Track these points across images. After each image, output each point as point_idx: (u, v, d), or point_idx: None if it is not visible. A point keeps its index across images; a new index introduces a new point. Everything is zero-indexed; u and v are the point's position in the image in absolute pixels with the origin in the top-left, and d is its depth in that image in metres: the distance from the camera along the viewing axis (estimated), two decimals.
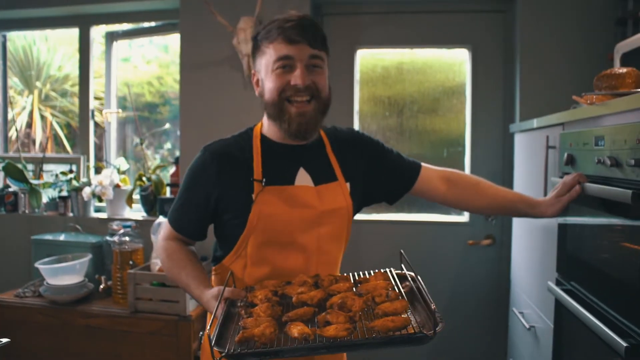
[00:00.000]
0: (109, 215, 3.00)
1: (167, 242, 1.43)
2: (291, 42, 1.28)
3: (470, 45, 2.75)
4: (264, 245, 1.35)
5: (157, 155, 3.41)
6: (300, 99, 1.31)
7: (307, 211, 1.35)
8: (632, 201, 1.24)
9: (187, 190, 1.41)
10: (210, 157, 1.37)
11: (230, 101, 2.78)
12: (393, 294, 1.23)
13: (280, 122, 1.33)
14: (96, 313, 2.53)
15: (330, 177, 1.41)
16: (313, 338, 1.07)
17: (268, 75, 1.32)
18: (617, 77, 1.56)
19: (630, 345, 1.25)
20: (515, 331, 2.43)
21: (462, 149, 2.80)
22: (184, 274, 1.36)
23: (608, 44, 2.39)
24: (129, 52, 3.40)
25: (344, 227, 1.44)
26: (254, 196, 1.32)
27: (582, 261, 1.64)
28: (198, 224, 1.42)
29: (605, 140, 1.47)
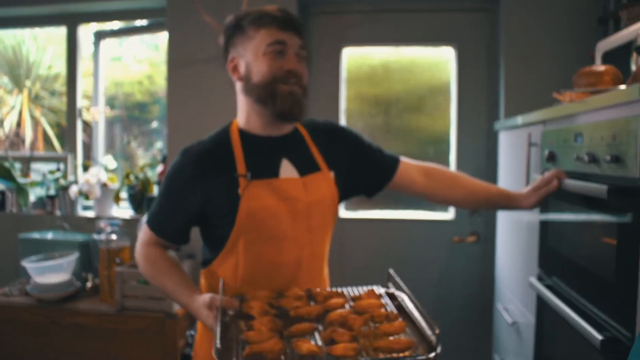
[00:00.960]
0: (97, 213, 3.00)
1: (148, 249, 1.40)
2: (284, 29, 1.31)
3: (456, 44, 2.77)
4: (255, 241, 1.33)
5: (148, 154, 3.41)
6: (293, 82, 1.32)
7: (295, 203, 1.34)
8: (607, 196, 1.26)
9: (168, 195, 1.38)
10: (190, 159, 1.36)
11: (218, 100, 2.79)
12: (392, 315, 1.24)
13: (271, 102, 1.32)
14: (83, 311, 2.53)
15: (314, 167, 1.41)
16: (321, 356, 1.07)
17: (258, 58, 1.32)
18: (595, 74, 1.58)
19: (605, 338, 1.27)
20: (500, 327, 2.45)
21: (447, 147, 2.82)
22: (170, 282, 1.34)
23: (591, 42, 2.41)
24: (120, 51, 3.40)
25: (330, 218, 1.44)
26: (240, 191, 1.30)
27: (563, 256, 1.66)
28: (181, 227, 1.39)
29: (583, 137, 1.49)
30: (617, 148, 1.29)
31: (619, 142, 1.28)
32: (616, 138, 1.30)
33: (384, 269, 2.81)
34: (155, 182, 2.99)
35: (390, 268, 1.42)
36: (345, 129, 1.56)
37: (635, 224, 1.21)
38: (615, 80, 1.57)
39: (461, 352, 2.82)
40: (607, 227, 1.39)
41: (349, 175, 1.50)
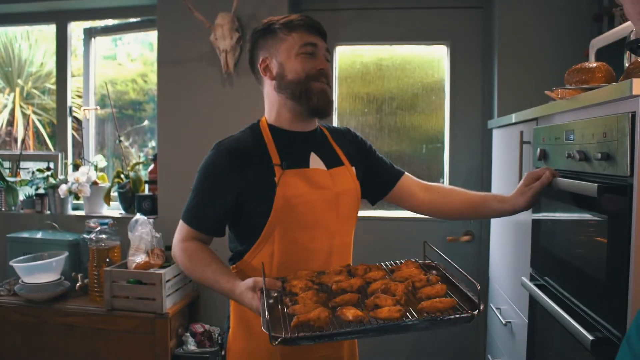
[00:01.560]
0: (87, 212, 2.97)
1: (185, 244, 1.42)
2: (313, 32, 1.42)
3: (449, 42, 2.75)
4: (290, 228, 1.38)
5: (142, 153, 3.37)
6: (324, 80, 1.43)
7: (325, 192, 1.42)
8: (597, 194, 1.24)
9: (203, 188, 1.42)
10: (225, 152, 1.41)
11: (209, 98, 2.76)
12: (434, 279, 1.27)
13: (306, 98, 1.41)
14: (72, 311, 2.51)
15: (339, 162, 1.50)
16: (367, 320, 1.10)
17: (291, 58, 1.41)
18: (587, 71, 1.56)
19: (596, 338, 1.25)
20: (493, 327, 2.43)
21: (441, 145, 2.80)
22: (210, 271, 1.35)
23: (585, 40, 2.39)
24: (114, 49, 3.37)
25: (355, 208, 1.52)
26: (276, 179, 1.36)
27: (555, 256, 1.64)
28: (218, 219, 1.42)
29: (575, 135, 1.47)
30: (608, 146, 1.27)
31: (609, 140, 1.26)
32: (607, 135, 1.28)
33: None
34: (146, 180, 2.96)
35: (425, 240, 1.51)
36: (359, 136, 1.66)
37: (625, 222, 1.19)
38: (607, 77, 1.54)
39: (455, 352, 2.80)
40: (598, 226, 1.37)
41: (362, 177, 1.58)
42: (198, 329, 2.62)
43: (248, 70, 2.68)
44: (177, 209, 2.74)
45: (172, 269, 2.53)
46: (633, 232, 1.16)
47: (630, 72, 1.49)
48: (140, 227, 2.57)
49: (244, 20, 2.69)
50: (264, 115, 1.52)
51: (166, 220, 2.81)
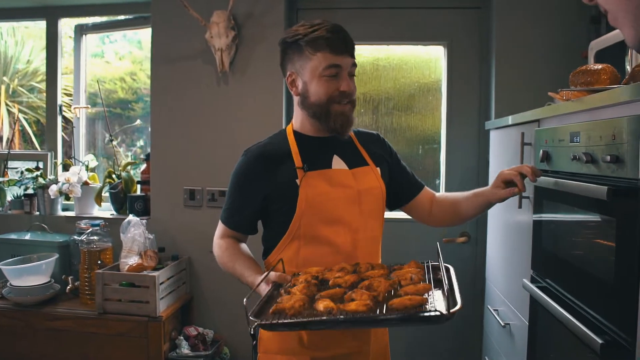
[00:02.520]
0: (77, 213, 2.91)
1: (221, 240, 1.58)
2: (339, 52, 1.44)
3: (446, 42, 2.73)
4: (314, 224, 1.46)
5: (130, 152, 3.32)
6: (345, 102, 1.48)
7: (347, 190, 1.49)
8: (607, 197, 1.23)
9: (237, 191, 1.55)
10: (254, 158, 1.52)
11: (203, 97, 2.73)
12: (417, 278, 1.31)
13: (325, 120, 1.49)
14: (62, 315, 2.45)
15: (362, 162, 1.57)
16: (336, 312, 1.16)
17: (314, 80, 1.46)
18: (592, 73, 1.55)
19: (605, 342, 1.24)
20: (491, 328, 2.42)
21: (437, 146, 2.79)
22: (238, 264, 1.49)
23: (583, 41, 2.40)
24: (101, 47, 3.31)
25: (380, 205, 1.58)
26: (298, 181, 1.45)
27: (558, 258, 1.63)
28: (250, 218, 1.56)
29: (580, 137, 1.46)
30: (617, 148, 1.25)
31: (619, 142, 1.25)
32: (616, 138, 1.27)
33: None
34: (138, 181, 2.91)
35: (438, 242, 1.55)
36: (387, 142, 1.72)
37: (635, 225, 1.18)
38: (613, 79, 1.53)
39: (451, 353, 2.79)
40: (605, 228, 1.36)
41: (387, 179, 1.64)
42: (192, 332, 2.58)
43: (244, 69, 2.70)
44: (170, 210, 2.75)
45: (165, 271, 2.49)
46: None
47: (636, 74, 1.48)
48: (133, 228, 2.52)
49: (240, 19, 2.66)
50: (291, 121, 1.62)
51: (159, 221, 2.76)
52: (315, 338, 1.45)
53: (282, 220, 1.49)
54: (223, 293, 2.72)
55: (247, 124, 2.68)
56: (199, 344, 2.55)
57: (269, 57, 2.65)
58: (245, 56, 2.68)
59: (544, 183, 1.68)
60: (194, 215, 2.76)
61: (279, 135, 1.60)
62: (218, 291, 2.73)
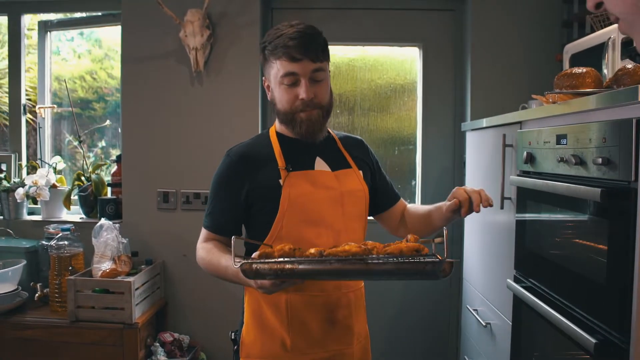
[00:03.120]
0: (45, 217, 2.80)
1: (205, 243, 1.52)
2: (295, 60, 1.41)
3: (421, 43, 2.75)
4: (297, 225, 1.44)
5: (91, 153, 3.21)
6: (308, 108, 1.45)
7: (330, 191, 1.48)
8: (601, 199, 1.25)
9: (219, 193, 1.52)
10: (236, 158, 1.50)
11: (177, 97, 2.66)
12: (412, 238, 1.25)
13: (292, 126, 1.48)
14: (31, 324, 2.35)
15: (345, 165, 1.56)
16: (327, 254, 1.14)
17: (277, 87, 1.46)
18: (577, 76, 1.58)
19: (599, 341, 1.26)
20: (469, 328, 2.45)
21: (413, 147, 2.80)
22: (223, 259, 1.42)
23: (555, 44, 2.45)
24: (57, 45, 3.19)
25: (363, 208, 1.56)
26: (281, 182, 1.44)
27: (543, 258, 1.66)
28: (234, 221, 1.51)
29: (568, 139, 1.48)
30: (609, 151, 1.28)
31: (610, 145, 1.27)
32: (607, 140, 1.29)
33: None
34: (109, 183, 2.81)
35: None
36: (371, 150, 1.71)
37: (629, 226, 1.20)
38: (596, 82, 1.57)
39: (428, 353, 2.81)
40: (598, 230, 1.38)
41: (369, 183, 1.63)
42: (167, 338, 2.52)
43: (218, 68, 2.64)
44: (143, 213, 2.68)
45: (140, 276, 2.42)
46: (637, 236, 1.17)
47: (619, 78, 1.51)
48: (106, 232, 2.44)
49: (215, 18, 2.61)
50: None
51: (132, 225, 2.68)
52: (299, 341, 1.44)
53: (265, 220, 1.46)
54: (198, 298, 2.66)
55: (222, 125, 2.63)
56: (175, 350, 2.49)
57: (244, 57, 2.61)
58: (220, 56, 2.63)
59: (528, 184, 1.71)
60: (168, 219, 2.69)
61: (262, 136, 1.58)
62: (193, 296, 2.68)
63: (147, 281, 2.49)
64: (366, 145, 1.70)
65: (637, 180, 1.18)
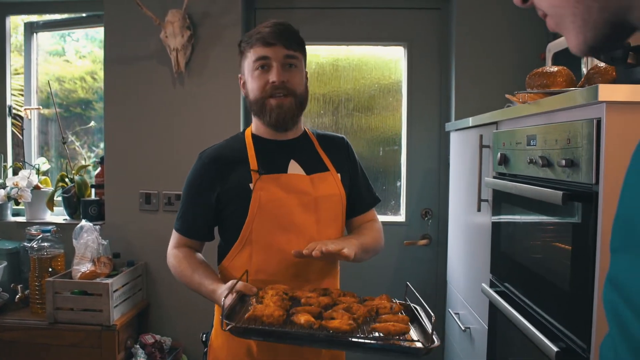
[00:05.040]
0: (28, 219, 2.79)
1: (176, 250, 1.51)
2: (267, 44, 1.42)
3: (406, 43, 2.71)
4: (267, 230, 1.42)
5: (92, 154, 3.20)
6: (279, 94, 1.43)
7: (303, 197, 1.45)
8: (562, 202, 1.22)
9: (190, 196, 1.51)
10: (207, 160, 1.49)
11: (159, 98, 2.64)
12: (397, 307, 1.29)
13: (262, 116, 1.46)
14: (11, 326, 2.34)
15: (322, 168, 1.53)
16: (318, 327, 1.12)
17: (250, 76, 1.46)
18: (548, 75, 1.54)
19: (560, 349, 1.23)
20: (452, 332, 2.41)
21: (398, 148, 2.77)
22: (197, 274, 1.42)
23: (542, 42, 2.40)
24: (62, 45, 3.19)
25: (338, 213, 1.53)
26: (251, 185, 1.42)
27: (516, 263, 1.62)
28: (205, 224, 1.51)
29: (537, 140, 1.45)
30: (572, 152, 1.24)
31: (574, 146, 1.24)
32: (571, 142, 1.25)
33: None
34: (92, 184, 2.80)
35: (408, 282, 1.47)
36: (351, 148, 1.66)
37: (590, 230, 1.16)
38: (568, 81, 1.53)
39: None
40: (562, 233, 1.35)
41: (348, 185, 1.59)
42: (148, 340, 2.50)
43: (200, 69, 2.62)
44: (125, 214, 2.66)
45: (120, 278, 2.40)
46: (599, 240, 1.13)
47: (591, 77, 1.48)
48: (86, 234, 2.43)
49: (196, 18, 2.58)
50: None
51: (113, 227, 2.67)
52: (265, 351, 1.41)
53: (236, 223, 1.44)
54: (181, 299, 2.64)
55: (204, 126, 2.61)
56: (155, 352, 2.47)
57: (226, 57, 2.58)
58: (202, 56, 2.61)
59: (499, 186, 1.67)
60: (150, 220, 2.67)
61: (236, 138, 1.56)
62: (176, 297, 2.65)
63: (128, 283, 2.47)
64: (347, 144, 1.65)
65: (598, 183, 1.15)
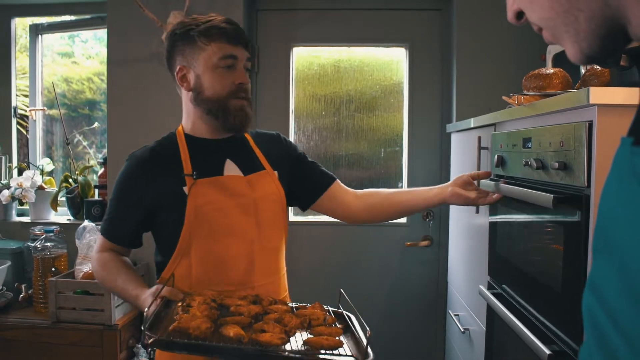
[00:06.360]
0: (32, 219, 2.82)
1: (101, 254, 1.43)
2: (235, 43, 1.37)
3: (407, 44, 2.71)
4: (205, 238, 1.36)
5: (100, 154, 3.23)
6: (242, 96, 1.39)
7: (241, 199, 1.39)
8: (553, 206, 1.21)
9: (118, 199, 1.42)
10: (136, 162, 1.41)
11: (161, 99, 2.65)
12: (330, 319, 1.25)
13: (224, 116, 1.38)
14: (14, 325, 2.36)
15: (258, 167, 1.47)
16: (247, 341, 1.08)
17: (208, 72, 1.37)
18: (544, 77, 1.54)
19: (553, 352, 1.23)
20: (452, 334, 2.41)
21: (399, 149, 2.77)
22: (120, 280, 1.35)
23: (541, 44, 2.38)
24: (72, 47, 3.22)
25: (279, 213, 1.48)
26: (186, 190, 1.35)
27: (513, 265, 1.62)
28: (132, 230, 1.43)
29: (532, 142, 1.45)
30: (565, 155, 1.24)
31: (566, 149, 1.24)
32: (564, 144, 1.25)
33: (335, 272, 2.73)
34: (95, 185, 2.82)
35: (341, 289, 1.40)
36: (287, 139, 1.62)
37: (581, 234, 1.16)
38: (564, 83, 1.53)
39: (413, 358, 2.77)
40: (554, 235, 1.35)
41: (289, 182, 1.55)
42: None
43: None
44: None
45: None
46: (590, 244, 1.13)
47: (587, 79, 1.48)
48: (89, 234, 2.44)
49: None
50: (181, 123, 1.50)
51: None
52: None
53: (171, 233, 1.36)
54: None
55: None
56: None
57: None
58: None
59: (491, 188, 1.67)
60: None
61: (167, 139, 1.47)
62: None
63: None
64: (283, 138, 1.61)
65: (589, 186, 1.15)
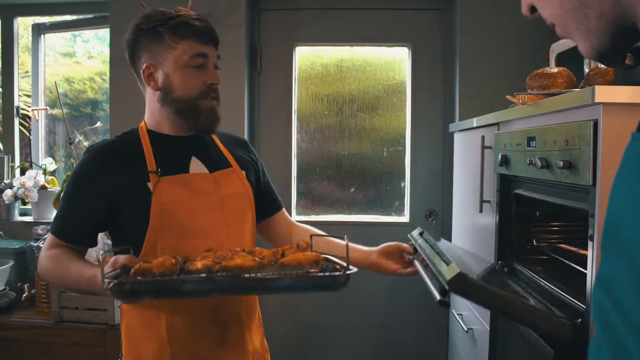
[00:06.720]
0: (35, 218, 2.82)
1: (49, 251, 1.30)
2: (205, 41, 1.31)
3: (410, 43, 2.71)
4: (173, 238, 1.28)
5: None
6: (213, 96, 1.35)
7: (208, 197, 1.34)
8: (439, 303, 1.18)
9: (74, 194, 1.31)
10: (94, 155, 1.32)
11: None
12: (303, 244, 1.17)
13: (194, 116, 1.33)
14: (17, 324, 2.37)
15: (225, 164, 1.41)
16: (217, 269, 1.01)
17: (178, 71, 1.30)
18: (548, 76, 1.54)
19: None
20: (456, 333, 2.41)
21: (402, 148, 2.76)
22: (73, 267, 1.22)
23: (546, 43, 2.39)
24: (73, 47, 3.22)
25: (247, 211, 1.42)
26: (151, 187, 1.27)
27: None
28: (85, 227, 1.31)
29: (536, 141, 1.44)
30: (570, 154, 1.24)
31: (571, 148, 1.23)
32: (569, 143, 1.25)
33: None
34: None
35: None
36: (253, 149, 1.58)
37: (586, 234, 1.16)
38: (568, 82, 1.52)
39: (417, 356, 2.77)
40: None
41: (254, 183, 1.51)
42: None
43: None
44: None
45: None
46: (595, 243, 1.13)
47: (591, 78, 1.47)
48: None
49: None
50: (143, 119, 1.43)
51: None
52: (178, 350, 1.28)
53: (134, 232, 1.27)
54: None
55: None
56: None
57: (230, 58, 2.58)
58: None
59: None
60: None
61: (129, 134, 1.39)
62: None
63: None
64: (250, 147, 1.57)
65: (595, 185, 1.14)
